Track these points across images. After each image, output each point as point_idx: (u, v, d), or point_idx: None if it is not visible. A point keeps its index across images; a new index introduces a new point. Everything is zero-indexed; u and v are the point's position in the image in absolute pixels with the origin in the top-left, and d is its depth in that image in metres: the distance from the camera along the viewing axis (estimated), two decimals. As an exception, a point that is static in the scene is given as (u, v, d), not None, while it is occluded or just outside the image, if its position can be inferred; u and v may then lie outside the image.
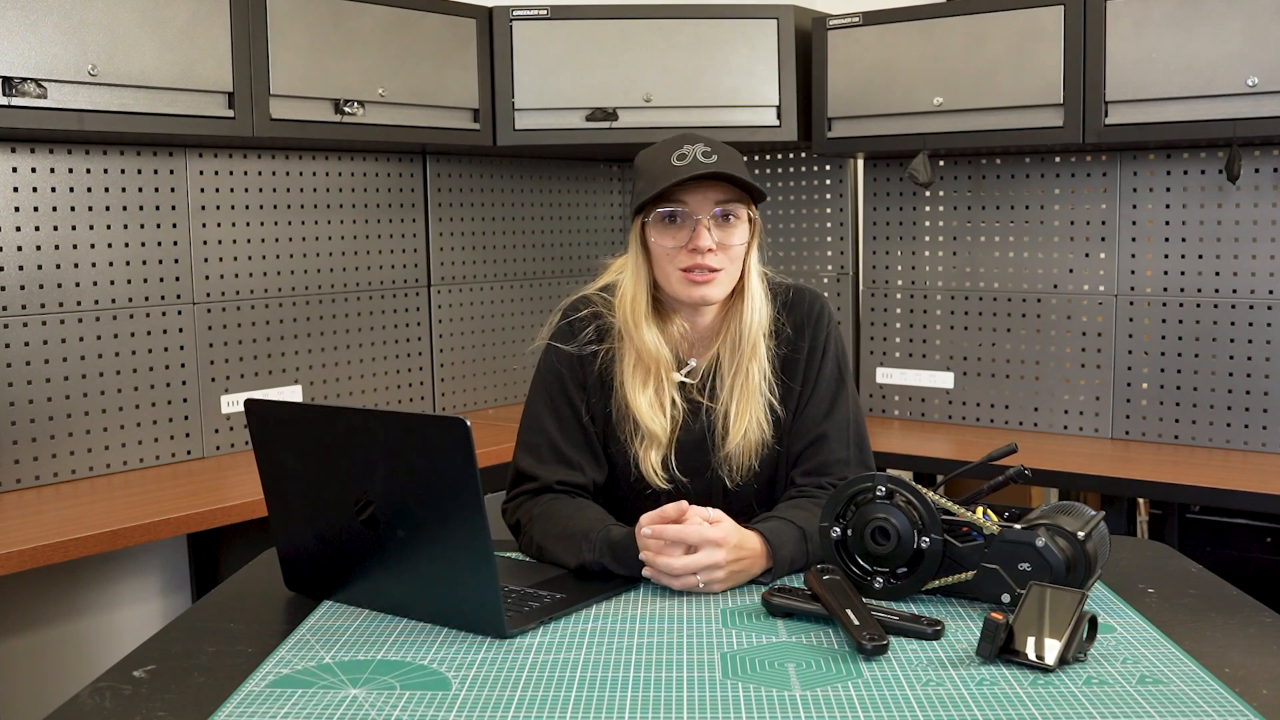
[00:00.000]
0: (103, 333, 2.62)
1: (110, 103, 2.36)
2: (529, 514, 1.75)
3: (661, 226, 1.75)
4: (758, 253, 1.81)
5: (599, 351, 1.81)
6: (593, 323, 1.82)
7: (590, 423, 1.81)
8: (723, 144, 1.75)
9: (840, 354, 1.83)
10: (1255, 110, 2.51)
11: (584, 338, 1.81)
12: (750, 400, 1.76)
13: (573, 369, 1.81)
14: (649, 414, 1.76)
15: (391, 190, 3.16)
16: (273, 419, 1.53)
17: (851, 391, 1.83)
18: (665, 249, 1.74)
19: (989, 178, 3.14)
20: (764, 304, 1.79)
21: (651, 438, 1.76)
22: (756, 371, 1.77)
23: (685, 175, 1.68)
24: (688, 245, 1.72)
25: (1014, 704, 1.18)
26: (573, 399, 1.80)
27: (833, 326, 1.83)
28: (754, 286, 1.78)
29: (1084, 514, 1.47)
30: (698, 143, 1.73)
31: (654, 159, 1.75)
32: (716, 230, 1.73)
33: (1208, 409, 2.85)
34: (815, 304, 1.83)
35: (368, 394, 3.13)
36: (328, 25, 2.70)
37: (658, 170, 1.73)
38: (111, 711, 1.21)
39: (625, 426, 1.79)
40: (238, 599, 1.60)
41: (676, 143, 1.75)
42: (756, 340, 1.77)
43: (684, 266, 1.73)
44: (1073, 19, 2.70)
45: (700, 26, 3.05)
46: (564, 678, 1.27)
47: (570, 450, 1.79)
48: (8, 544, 2.06)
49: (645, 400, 1.76)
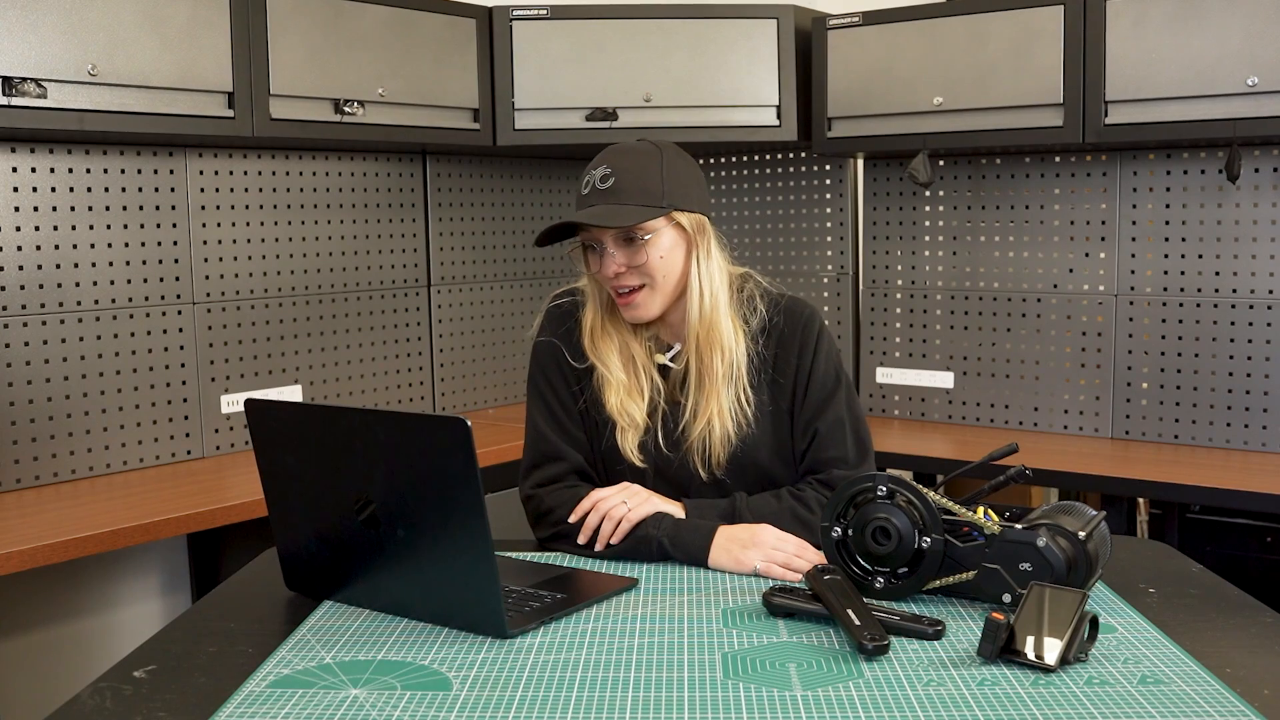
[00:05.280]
0: (103, 333, 2.61)
1: (110, 103, 2.36)
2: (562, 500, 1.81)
3: (582, 254, 1.84)
4: (711, 249, 1.82)
5: (580, 334, 1.87)
6: (575, 311, 1.89)
7: (581, 403, 1.87)
8: (632, 155, 1.78)
9: (833, 355, 1.86)
10: (1255, 110, 2.51)
11: (567, 324, 1.89)
12: (712, 394, 1.79)
13: (557, 357, 1.88)
14: (625, 398, 1.82)
15: (391, 190, 3.16)
16: (273, 419, 1.53)
17: (848, 391, 1.85)
18: (592, 274, 1.83)
19: (989, 178, 3.14)
20: (716, 299, 1.80)
21: (629, 420, 1.81)
22: (720, 365, 1.79)
23: (571, 218, 1.76)
24: (603, 272, 1.79)
25: (1015, 704, 1.18)
26: (557, 388, 1.88)
27: (823, 330, 1.87)
28: (698, 284, 1.80)
29: (1085, 514, 1.47)
30: (601, 164, 1.78)
31: (580, 183, 1.83)
32: (621, 253, 1.77)
33: (1208, 409, 2.85)
34: (805, 310, 1.87)
35: (368, 394, 3.13)
36: (328, 25, 2.70)
37: (577, 199, 1.81)
38: (112, 711, 1.21)
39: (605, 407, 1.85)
40: (238, 599, 1.60)
41: (593, 164, 1.80)
42: (712, 334, 1.80)
43: (613, 287, 1.80)
44: (1073, 19, 2.70)
45: (700, 26, 3.05)
46: (564, 678, 1.27)
47: (577, 431, 1.87)
48: (8, 544, 2.06)
49: (624, 386, 1.82)
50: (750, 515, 1.73)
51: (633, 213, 1.74)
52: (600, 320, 1.86)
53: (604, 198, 1.75)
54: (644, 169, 1.77)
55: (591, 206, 1.76)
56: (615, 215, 1.73)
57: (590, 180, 1.78)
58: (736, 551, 1.65)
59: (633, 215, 1.74)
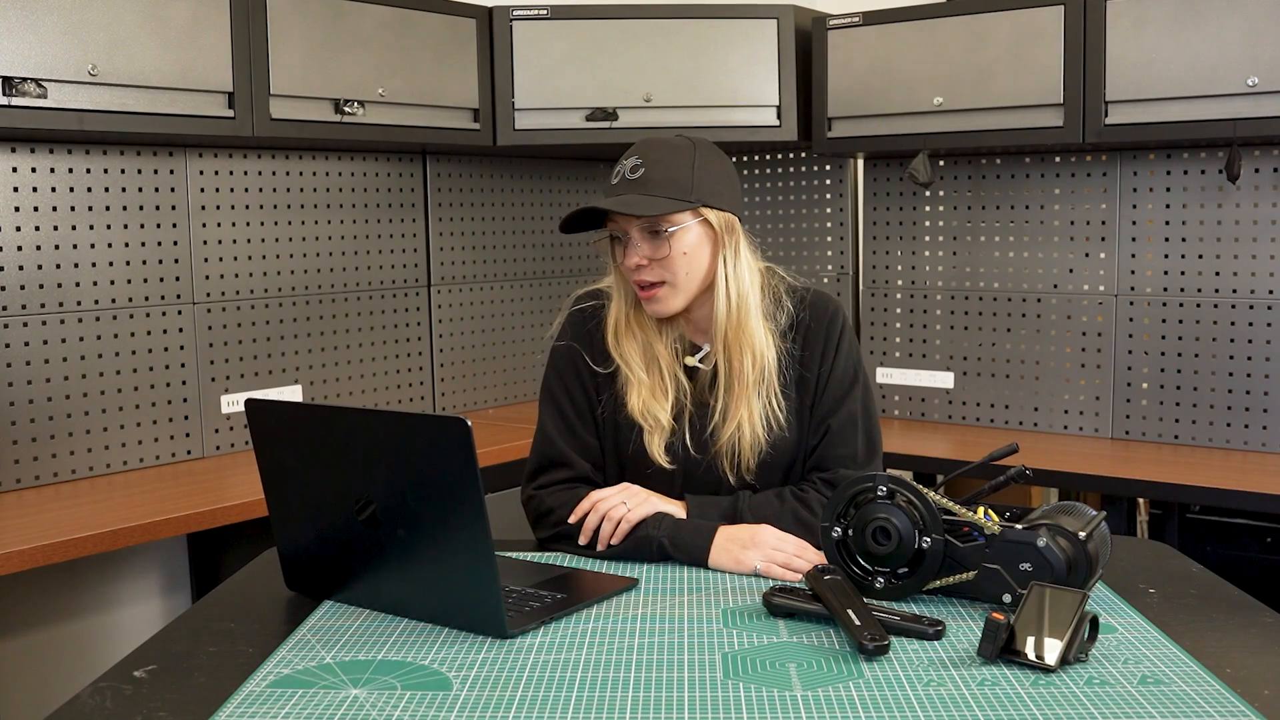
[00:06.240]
0: (103, 333, 2.61)
1: (110, 103, 2.36)
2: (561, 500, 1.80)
3: (608, 245, 1.81)
4: (740, 250, 1.79)
5: (604, 334, 1.85)
6: (598, 313, 1.87)
7: (600, 410, 1.85)
8: (665, 148, 1.76)
9: (853, 353, 1.85)
10: (1255, 110, 2.51)
11: (589, 326, 1.87)
12: (742, 397, 1.77)
13: (576, 361, 1.86)
14: (648, 398, 1.80)
15: (391, 190, 3.16)
16: (273, 419, 1.53)
17: (865, 390, 1.84)
18: (617, 266, 1.81)
19: (989, 178, 3.14)
20: (745, 301, 1.78)
21: (653, 421, 1.79)
22: (750, 370, 1.77)
23: (596, 203, 1.73)
24: (625, 263, 1.77)
25: (1015, 704, 1.18)
26: (573, 392, 1.86)
27: (846, 326, 1.85)
28: (724, 285, 1.77)
29: (1085, 514, 1.47)
30: (633, 155, 1.77)
31: (610, 173, 1.81)
32: (646, 245, 1.75)
33: (1208, 409, 2.85)
34: (830, 305, 1.85)
35: (368, 394, 3.13)
36: (328, 25, 2.70)
37: (605, 188, 1.80)
38: (112, 711, 1.21)
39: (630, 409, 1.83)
40: (238, 599, 1.60)
41: (625, 155, 1.78)
42: (741, 336, 1.77)
43: (634, 280, 1.78)
44: (1073, 19, 2.70)
45: (700, 26, 3.05)
46: (564, 678, 1.27)
47: (589, 437, 1.85)
48: (8, 544, 2.06)
49: (646, 387, 1.80)
50: (751, 516, 1.73)
51: (659, 203, 1.71)
52: (625, 317, 1.83)
53: (632, 187, 1.73)
54: (675, 162, 1.74)
55: (619, 196, 1.74)
56: (640, 204, 1.71)
57: (620, 170, 1.76)
58: (736, 552, 1.65)
59: (658, 206, 1.71)
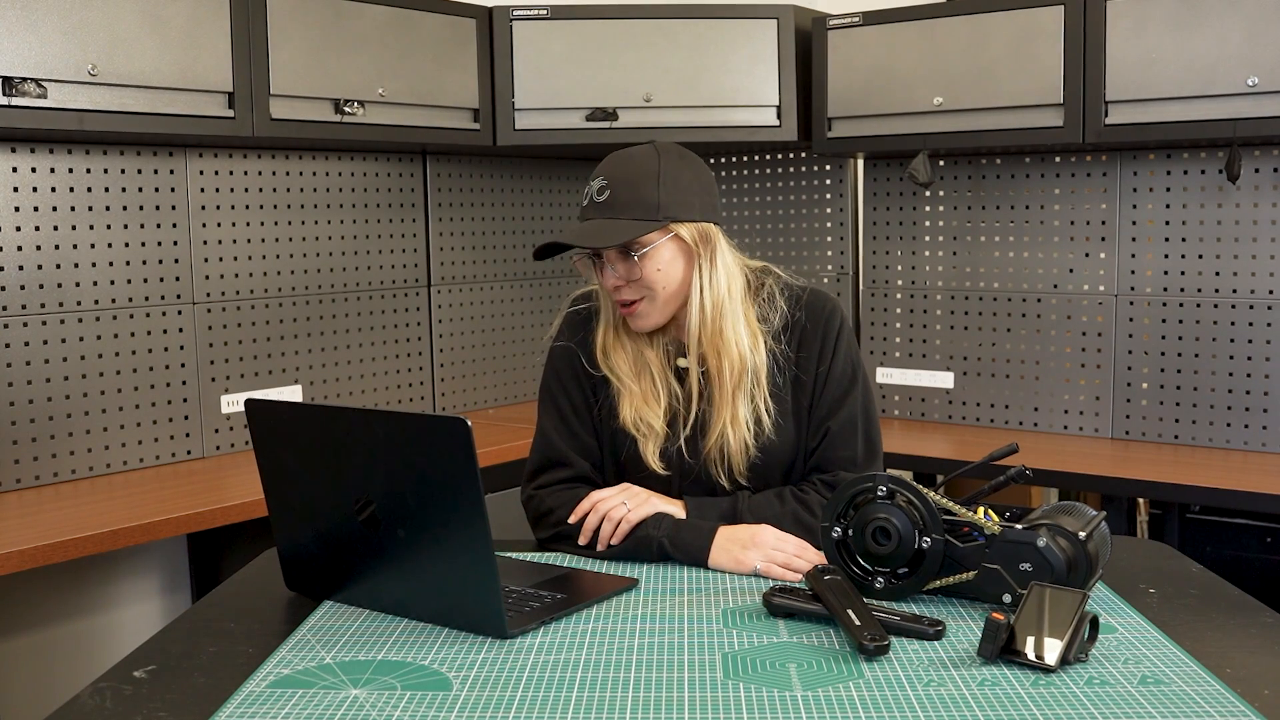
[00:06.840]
0: (103, 333, 2.61)
1: (110, 103, 2.36)
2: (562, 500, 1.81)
3: (588, 264, 1.82)
4: (717, 258, 1.77)
5: (599, 340, 1.85)
6: (593, 317, 1.87)
7: (598, 411, 1.85)
8: (630, 165, 1.75)
9: (852, 353, 1.84)
10: (1255, 110, 2.51)
11: (585, 330, 1.87)
12: (724, 403, 1.77)
13: (573, 363, 1.86)
14: (641, 406, 1.80)
15: (391, 190, 3.16)
16: (273, 419, 1.53)
17: (864, 391, 1.83)
18: (600, 282, 1.82)
19: (989, 178, 3.14)
20: (720, 308, 1.76)
21: (647, 428, 1.79)
22: (729, 374, 1.76)
23: (559, 239, 1.75)
24: (604, 283, 1.79)
25: (1015, 704, 1.18)
26: (571, 392, 1.86)
27: (844, 325, 1.84)
28: (698, 295, 1.76)
29: (1085, 514, 1.47)
30: (599, 175, 1.76)
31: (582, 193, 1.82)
32: (621, 266, 1.76)
33: (1208, 409, 2.85)
34: (826, 305, 1.84)
35: (368, 394, 3.13)
36: (328, 25, 2.70)
37: (579, 209, 1.80)
38: (112, 711, 1.21)
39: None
40: (238, 599, 1.60)
41: (594, 173, 1.78)
42: (716, 342, 1.76)
43: (615, 299, 1.79)
44: (1073, 19, 2.70)
45: (700, 26, 3.05)
46: (564, 678, 1.27)
47: (588, 437, 1.86)
48: (8, 544, 2.06)
49: (638, 396, 1.80)
50: (751, 516, 1.72)
51: (625, 228, 1.71)
52: (611, 332, 1.84)
53: (599, 211, 1.73)
54: (641, 181, 1.73)
55: (588, 220, 1.75)
56: (604, 233, 1.71)
57: (589, 192, 1.76)
58: (736, 552, 1.65)
59: (624, 232, 1.70)
